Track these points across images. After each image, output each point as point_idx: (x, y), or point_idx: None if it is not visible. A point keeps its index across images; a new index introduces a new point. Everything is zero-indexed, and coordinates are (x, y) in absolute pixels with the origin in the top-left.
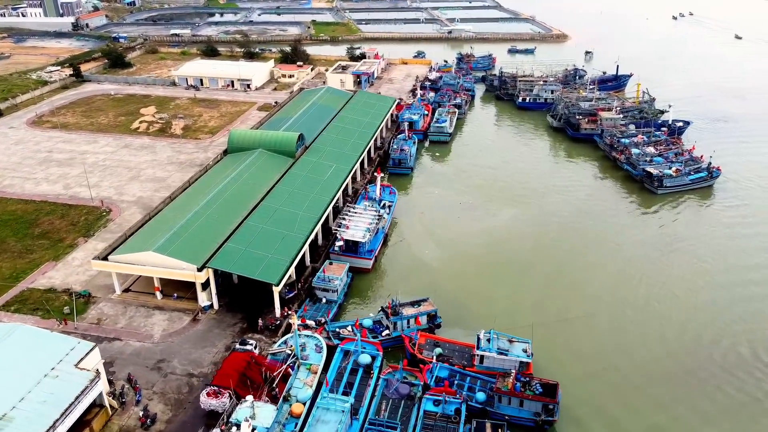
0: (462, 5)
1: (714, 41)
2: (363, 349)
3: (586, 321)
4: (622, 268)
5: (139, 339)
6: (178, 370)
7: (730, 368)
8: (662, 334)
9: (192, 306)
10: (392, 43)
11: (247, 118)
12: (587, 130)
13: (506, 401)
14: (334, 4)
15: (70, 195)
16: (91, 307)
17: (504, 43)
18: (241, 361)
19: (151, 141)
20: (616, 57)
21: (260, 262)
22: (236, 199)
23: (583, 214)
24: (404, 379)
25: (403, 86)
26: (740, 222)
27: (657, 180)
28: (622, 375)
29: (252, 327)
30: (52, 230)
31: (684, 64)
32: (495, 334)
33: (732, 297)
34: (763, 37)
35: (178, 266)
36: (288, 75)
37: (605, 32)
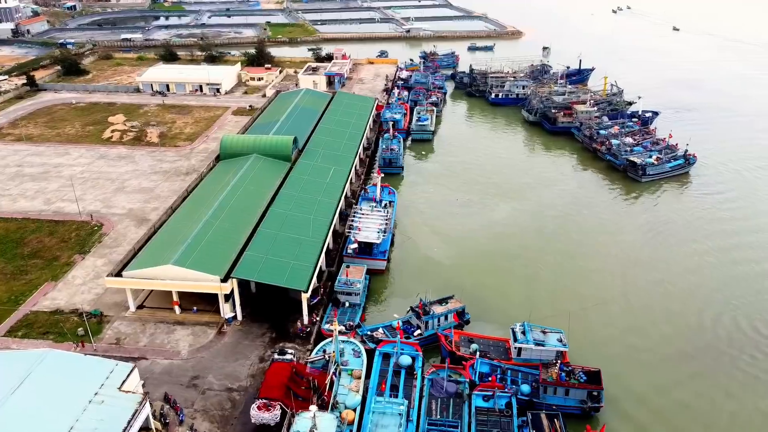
0: (413, 4)
1: (654, 33)
2: (401, 350)
3: (600, 308)
4: (623, 255)
5: (166, 356)
6: (216, 385)
7: (740, 345)
8: (668, 315)
9: (214, 319)
10: (351, 43)
11: (224, 123)
12: (564, 123)
13: (552, 391)
14: (284, 5)
15: (54, 210)
16: (106, 326)
17: (461, 41)
18: (285, 372)
19: (127, 150)
20: (571, 52)
21: (284, 269)
22: (243, 207)
23: (576, 204)
24: (449, 378)
25: (374, 86)
26: (720, 205)
27: (641, 168)
28: (642, 356)
29: (281, 336)
30: (42, 249)
31: (634, 56)
32: (528, 326)
33: (725, 275)
34: (699, 28)
35: (199, 278)
36: (257, 78)
37: (555, 28)
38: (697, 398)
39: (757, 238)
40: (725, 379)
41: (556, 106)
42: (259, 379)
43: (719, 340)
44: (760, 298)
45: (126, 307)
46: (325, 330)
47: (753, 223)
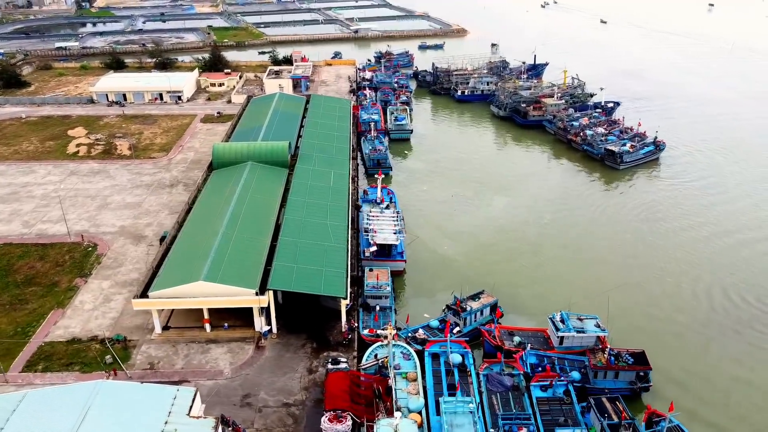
0: (351, 4)
1: (586, 26)
2: (450, 349)
3: (618, 291)
4: (622, 240)
5: (209, 377)
6: (271, 402)
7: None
8: (686, 292)
9: (247, 333)
10: (301, 45)
11: (195, 132)
12: (535, 116)
13: (602, 375)
14: (219, 8)
15: (37, 233)
16: (133, 351)
17: (410, 40)
18: (344, 381)
19: (99, 165)
20: (517, 48)
21: (317, 277)
22: (255, 216)
23: (565, 195)
24: (503, 372)
25: (339, 87)
26: (694, 184)
27: (619, 157)
28: (670, 334)
29: (322, 345)
30: (37, 275)
31: (576, 50)
32: (566, 314)
33: (721, 250)
34: (625, 20)
35: (233, 293)
36: (218, 83)
37: (496, 25)
38: (729, 366)
39: (738, 208)
40: (742, 346)
41: (524, 100)
42: (314, 392)
43: (740, 310)
44: (756, 267)
45: (149, 329)
46: (366, 335)
47: (730, 196)
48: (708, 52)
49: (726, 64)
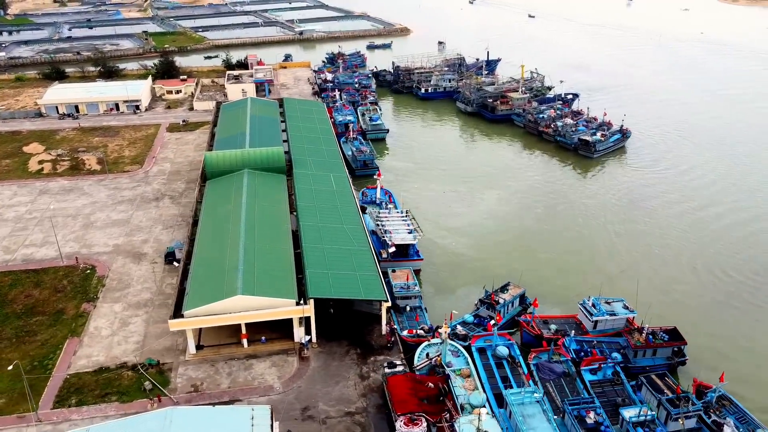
0: (284, 6)
1: (514, 21)
2: (495, 342)
3: (626, 274)
4: (617, 221)
5: (260, 393)
6: (332, 412)
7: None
8: (681, 269)
9: (287, 345)
10: (245, 49)
11: (165, 142)
12: (503, 111)
13: (641, 354)
14: (148, 13)
15: (23, 259)
16: (170, 375)
17: (355, 40)
18: (407, 383)
19: (70, 182)
20: (462, 45)
21: (353, 282)
22: (270, 224)
23: (550, 184)
24: (551, 360)
25: (301, 90)
26: (662, 166)
27: (593, 146)
28: (685, 307)
29: (366, 350)
30: (37, 303)
31: (520, 44)
32: (597, 300)
33: (710, 229)
34: (552, 14)
35: (272, 305)
36: (175, 90)
37: (434, 23)
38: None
39: (714, 186)
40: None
41: (491, 96)
42: (372, 397)
43: (736, 287)
44: (746, 238)
45: (180, 350)
46: (405, 336)
47: (698, 174)
48: (640, 43)
49: (659, 55)
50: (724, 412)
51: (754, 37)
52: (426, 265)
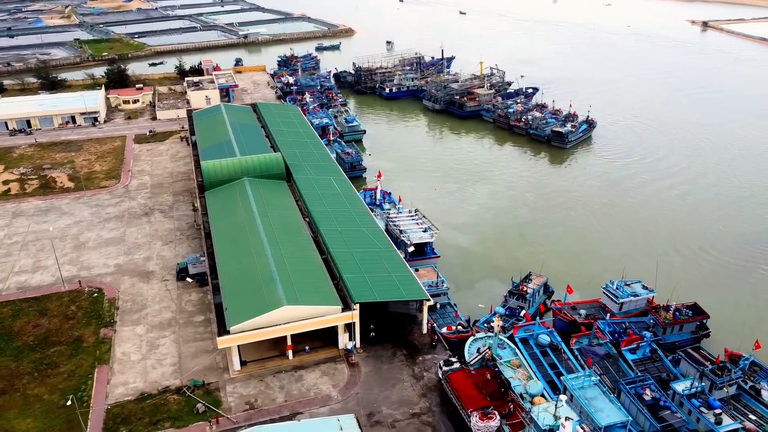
0: (216, 9)
1: (448, 18)
2: (536, 332)
3: (628, 258)
4: (605, 208)
5: (320, 404)
6: (398, 415)
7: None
8: (676, 247)
9: (332, 353)
10: (189, 54)
11: (136, 154)
12: (472, 107)
13: (669, 330)
14: (72, 20)
15: (17, 287)
16: (220, 394)
17: (300, 42)
18: (469, 379)
19: (45, 202)
20: (409, 43)
21: (392, 283)
22: (288, 232)
23: (535, 176)
24: (591, 343)
25: (264, 94)
26: (632, 152)
27: (566, 137)
28: (689, 281)
29: (412, 350)
30: (49, 333)
31: (466, 41)
32: (619, 283)
33: (690, 204)
34: (481, 10)
35: (318, 313)
36: (132, 100)
37: (375, 23)
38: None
39: (683, 165)
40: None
41: (457, 93)
42: (432, 397)
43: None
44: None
45: (222, 368)
46: (446, 333)
47: (665, 155)
48: (576, 37)
49: (596, 47)
50: (756, 377)
51: (674, 28)
52: (439, 261)
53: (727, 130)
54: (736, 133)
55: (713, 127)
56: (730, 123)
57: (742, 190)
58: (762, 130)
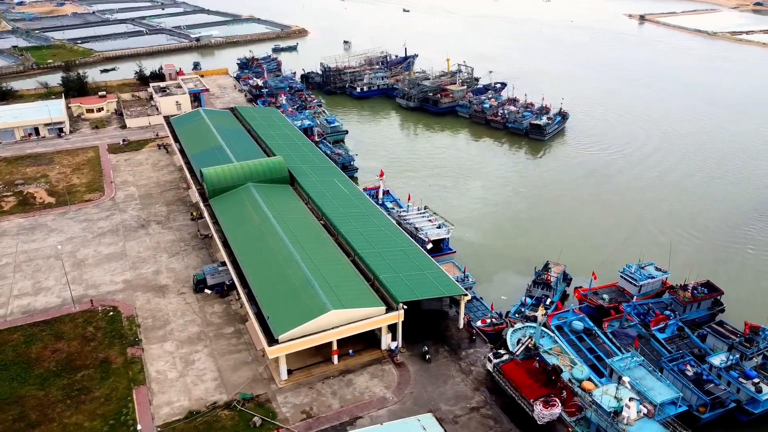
0: (157, 13)
1: (393, 16)
2: (569, 319)
3: (630, 242)
4: (594, 196)
5: (377, 406)
6: (458, 411)
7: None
8: (671, 226)
9: (375, 355)
10: (139, 59)
11: (114, 165)
12: (447, 103)
13: (689, 308)
14: (4, 26)
15: (22, 311)
16: (272, 405)
17: (254, 44)
18: (521, 369)
19: (28, 220)
20: (366, 43)
21: (426, 280)
22: (310, 235)
23: (521, 168)
24: (623, 326)
25: (233, 98)
26: (609, 139)
27: (544, 129)
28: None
29: (453, 345)
30: (71, 357)
31: (420, 39)
32: (636, 267)
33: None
34: (424, 7)
35: (362, 315)
36: (96, 109)
37: (325, 23)
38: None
39: (657, 151)
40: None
41: (430, 90)
42: (485, 390)
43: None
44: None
45: (266, 379)
46: (481, 327)
47: (640, 143)
48: (525, 32)
49: (549, 43)
50: None
51: (613, 22)
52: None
53: (686, 117)
54: (696, 120)
55: (674, 114)
56: (687, 109)
57: (719, 171)
58: (715, 116)
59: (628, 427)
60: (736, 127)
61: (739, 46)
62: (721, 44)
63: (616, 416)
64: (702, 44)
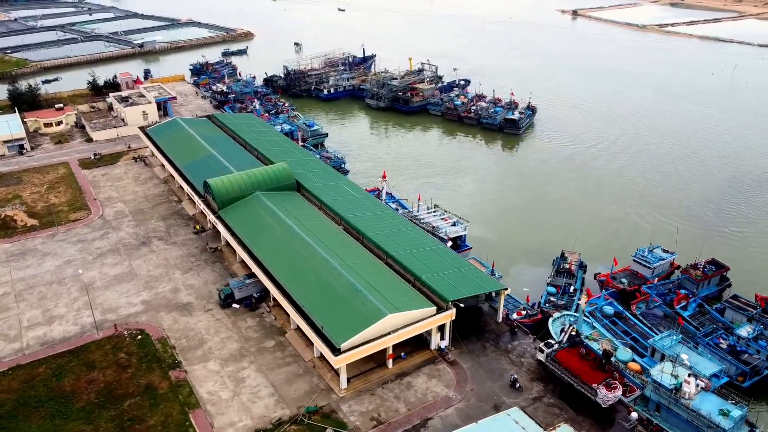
0: (85, 19)
1: (329, 15)
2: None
3: (620, 221)
4: (579, 184)
5: (444, 406)
6: (522, 402)
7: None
8: (660, 210)
9: (426, 355)
10: (81, 68)
11: (93, 181)
12: (418, 102)
13: (701, 286)
14: None
15: (42, 343)
16: (339, 416)
17: (201, 49)
18: (574, 356)
19: (14, 245)
20: (316, 45)
21: (465, 278)
22: (337, 241)
23: (504, 162)
24: (650, 307)
25: (198, 105)
26: (579, 133)
27: (518, 123)
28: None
29: (497, 340)
30: (110, 388)
31: (370, 39)
32: (648, 250)
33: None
34: (360, 7)
35: (416, 317)
36: (55, 122)
37: (268, 25)
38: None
39: (630, 139)
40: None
41: (400, 89)
42: (540, 380)
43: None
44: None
45: (324, 389)
46: (516, 319)
47: (607, 132)
48: (470, 29)
49: (494, 39)
50: None
51: (548, 17)
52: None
53: (642, 105)
54: (653, 107)
55: (630, 103)
56: (640, 98)
57: (692, 154)
58: (670, 103)
59: (691, 401)
60: (689, 113)
61: (668, 38)
62: (652, 36)
63: (677, 392)
64: (636, 36)
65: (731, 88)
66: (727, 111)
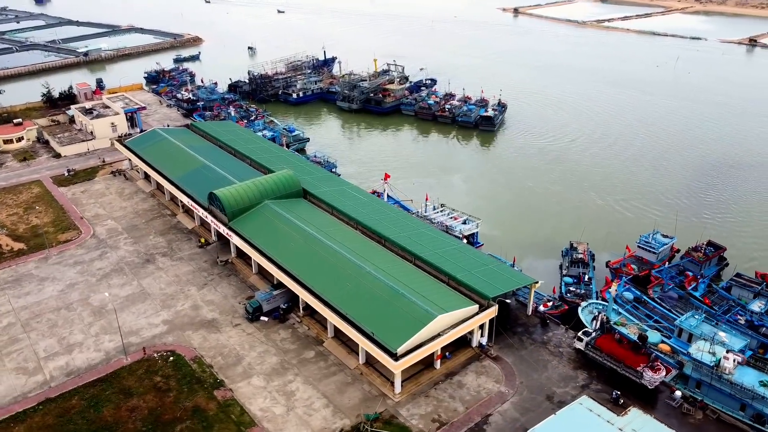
0: (12, 27)
1: (269, 18)
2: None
3: (607, 210)
4: (559, 176)
5: (499, 402)
6: (571, 391)
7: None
8: (643, 197)
9: (469, 353)
10: (23, 80)
11: (74, 199)
12: (390, 103)
13: (704, 267)
14: None
15: (68, 373)
16: (400, 420)
17: (149, 55)
18: (612, 342)
19: (5, 271)
20: (269, 49)
21: (497, 274)
22: (361, 245)
23: (487, 158)
24: (665, 290)
25: (165, 114)
26: (550, 127)
27: (493, 120)
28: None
29: (533, 333)
30: (155, 414)
31: (323, 42)
32: (652, 236)
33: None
34: (299, 7)
35: (461, 316)
36: (16, 138)
37: (214, 29)
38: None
39: (601, 130)
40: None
41: (371, 91)
42: (583, 369)
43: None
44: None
45: (378, 395)
46: (543, 311)
47: (575, 125)
48: (418, 29)
49: (444, 37)
50: None
51: (491, 15)
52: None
53: (602, 99)
54: (612, 100)
55: (592, 96)
56: (596, 92)
57: (662, 142)
58: (625, 94)
59: (732, 376)
60: (651, 105)
61: (608, 33)
62: (591, 32)
63: (717, 368)
64: (577, 32)
65: (677, 79)
66: (682, 101)
